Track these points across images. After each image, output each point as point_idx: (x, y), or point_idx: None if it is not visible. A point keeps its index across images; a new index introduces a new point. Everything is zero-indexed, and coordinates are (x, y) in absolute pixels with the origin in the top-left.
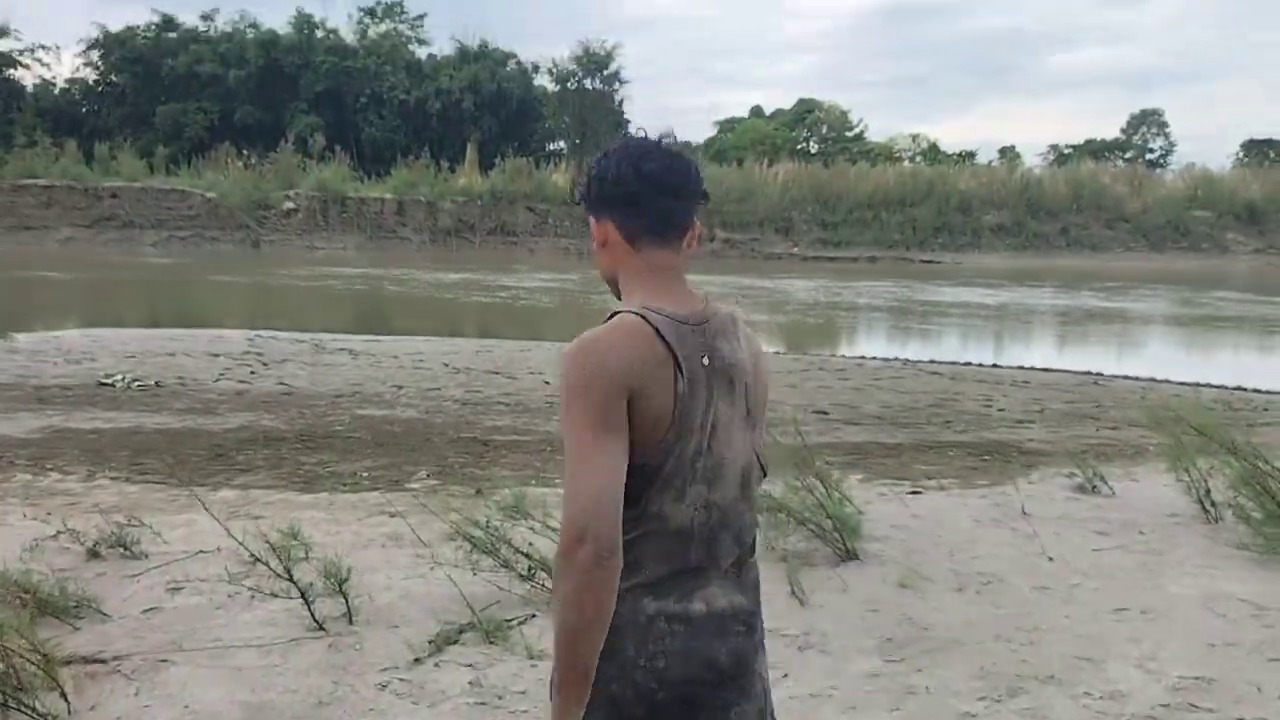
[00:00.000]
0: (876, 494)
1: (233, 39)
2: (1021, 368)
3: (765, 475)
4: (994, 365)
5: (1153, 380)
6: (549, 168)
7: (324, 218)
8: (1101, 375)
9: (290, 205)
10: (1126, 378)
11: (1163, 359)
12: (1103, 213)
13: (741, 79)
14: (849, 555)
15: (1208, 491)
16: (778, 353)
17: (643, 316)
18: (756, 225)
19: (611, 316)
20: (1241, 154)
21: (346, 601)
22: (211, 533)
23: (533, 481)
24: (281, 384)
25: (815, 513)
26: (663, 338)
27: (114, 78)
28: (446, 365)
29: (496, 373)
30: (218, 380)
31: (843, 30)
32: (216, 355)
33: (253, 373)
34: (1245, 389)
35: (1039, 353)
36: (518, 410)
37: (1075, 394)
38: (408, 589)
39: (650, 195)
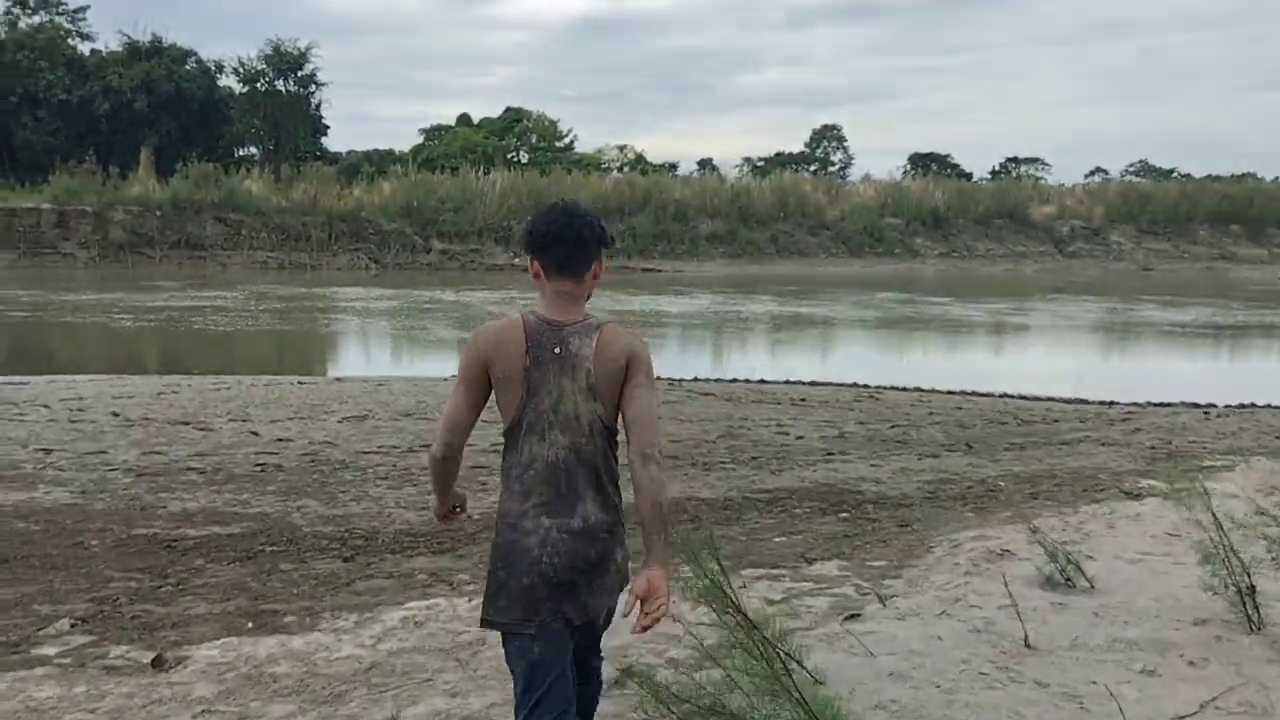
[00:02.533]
0: (779, 609)
1: None
2: (789, 382)
3: (637, 447)
4: (761, 381)
5: (921, 390)
6: (240, 175)
7: None
8: (870, 387)
9: None
10: (899, 388)
11: (921, 368)
12: (806, 220)
13: (445, 89)
14: None
15: (1251, 587)
16: None
17: (523, 317)
18: (475, 235)
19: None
20: (909, 166)
21: None
22: None
23: (250, 626)
24: None
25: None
26: (525, 331)
27: None
28: (116, 415)
29: (185, 422)
30: None
31: (540, 44)
32: None
33: None
34: (1044, 398)
35: (789, 363)
36: (217, 482)
37: (861, 411)
38: None
39: (554, 245)
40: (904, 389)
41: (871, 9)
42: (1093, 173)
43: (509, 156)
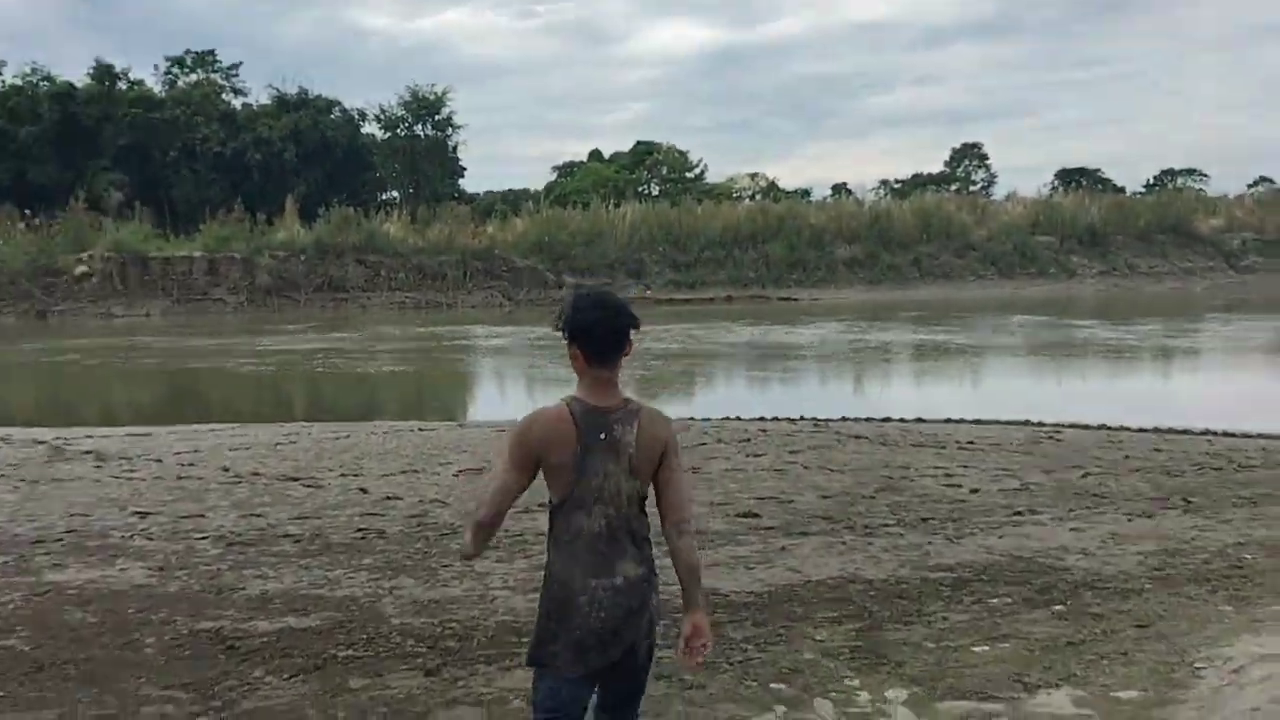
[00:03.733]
0: None
1: (23, 92)
2: (950, 420)
3: (673, 525)
4: (918, 420)
5: (1109, 428)
6: (380, 217)
7: (123, 281)
8: (1046, 425)
9: (83, 269)
10: (1081, 426)
11: (1099, 400)
12: (951, 241)
13: (576, 128)
14: None
15: None
16: None
17: (568, 407)
18: (606, 269)
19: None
20: (1056, 183)
21: None
22: None
23: None
24: None
25: None
26: (575, 422)
27: None
28: (226, 470)
29: (295, 478)
30: None
31: (671, 78)
32: None
33: None
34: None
35: (945, 397)
36: (310, 553)
37: (1042, 456)
38: None
39: (596, 337)
40: (1087, 427)
41: (1010, 25)
42: (1256, 182)
43: (640, 189)
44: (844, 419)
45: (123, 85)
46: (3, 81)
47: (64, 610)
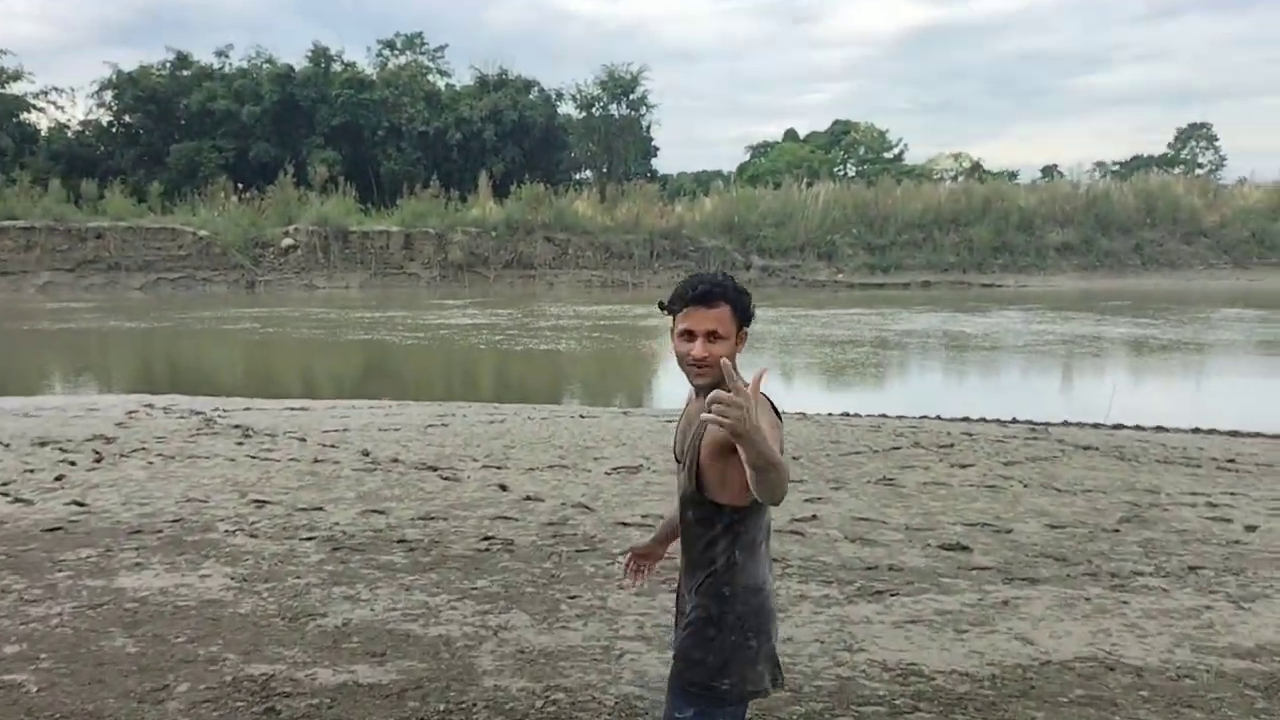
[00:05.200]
0: None
1: (247, 75)
2: (1199, 430)
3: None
4: (1158, 428)
5: None
6: (570, 194)
7: (324, 254)
8: None
9: (289, 242)
10: None
11: None
12: (1178, 227)
13: (771, 109)
14: None
15: None
16: (845, 414)
17: (769, 404)
18: (797, 251)
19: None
20: None
21: None
22: None
23: None
24: (76, 503)
25: None
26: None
27: (128, 118)
28: (366, 454)
29: (433, 467)
30: None
31: (870, 58)
32: (44, 444)
33: (59, 478)
34: None
35: (1183, 402)
36: (421, 567)
37: None
38: None
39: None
40: None
41: None
42: None
43: (835, 170)
44: (1066, 424)
45: (337, 67)
46: (230, 64)
47: (107, 633)
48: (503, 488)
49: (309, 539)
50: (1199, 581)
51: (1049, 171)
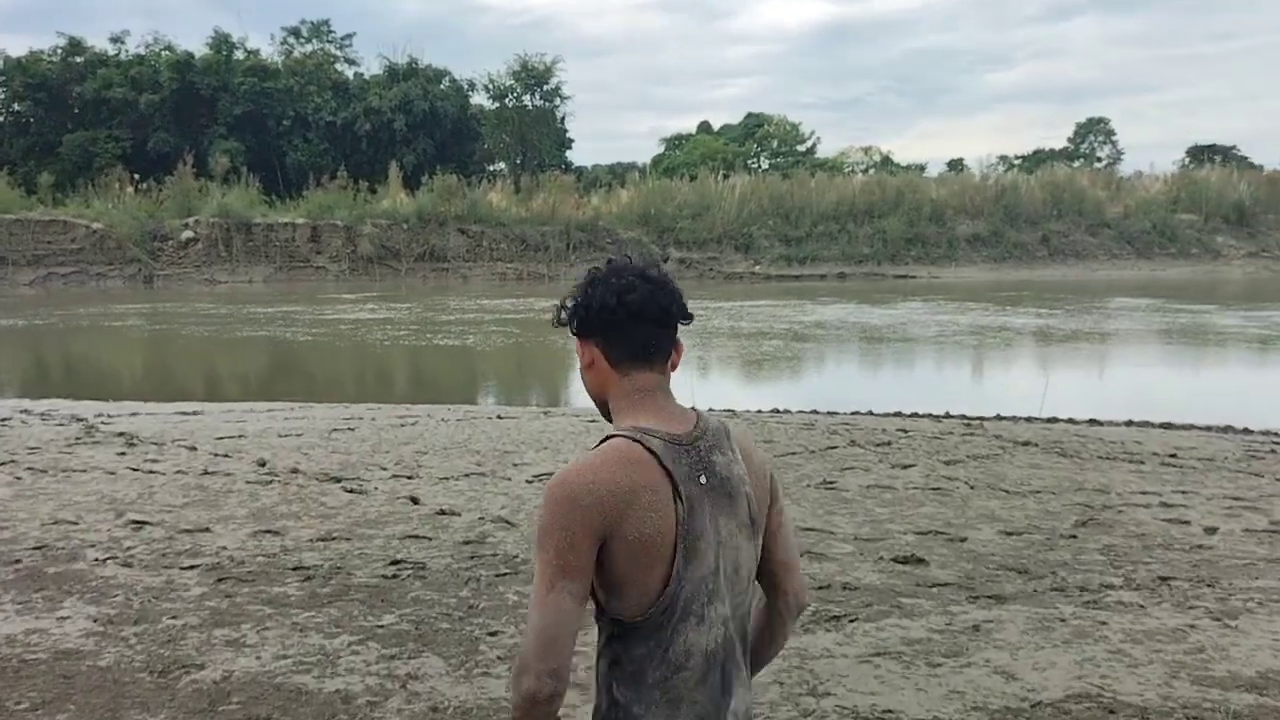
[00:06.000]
0: None
1: (145, 62)
2: (1133, 424)
3: (794, 599)
4: (1091, 421)
5: None
6: (484, 186)
7: (227, 248)
8: (1257, 433)
9: (189, 235)
10: None
11: None
12: (1083, 219)
13: (684, 103)
14: None
15: None
16: (775, 410)
17: (638, 440)
18: (714, 242)
19: (603, 441)
20: (1188, 160)
21: None
22: None
23: None
24: None
25: None
26: (660, 461)
27: (17, 106)
28: (262, 464)
29: (337, 479)
30: None
31: (780, 54)
32: None
33: None
34: None
35: (1108, 394)
36: (318, 602)
37: (1274, 476)
38: None
39: (633, 324)
40: None
41: None
42: None
43: (749, 163)
44: (999, 417)
45: (240, 55)
46: (126, 51)
47: None
48: (414, 500)
49: (190, 567)
50: (1174, 595)
51: (955, 165)
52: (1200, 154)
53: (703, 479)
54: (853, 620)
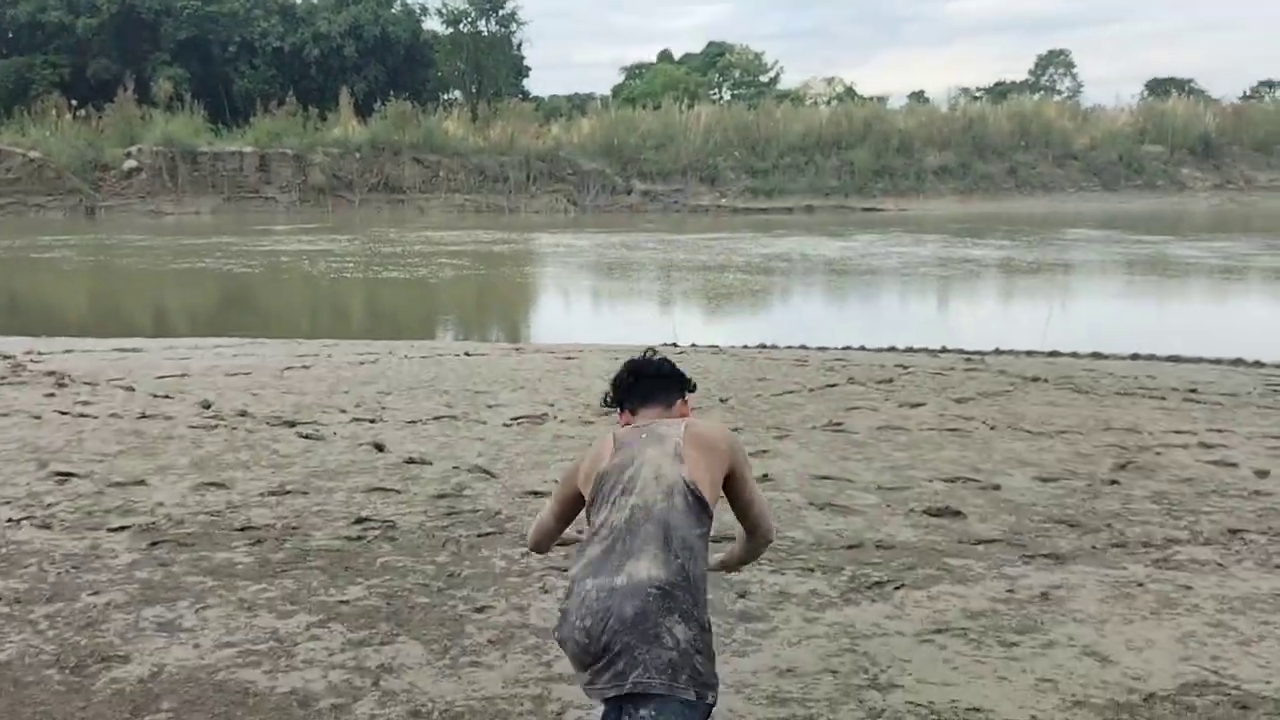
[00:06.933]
0: None
1: None
2: (1136, 357)
3: (762, 538)
4: (1094, 354)
5: None
6: (440, 114)
7: (172, 178)
8: (1263, 365)
9: (132, 164)
10: None
11: None
12: (1050, 150)
13: (644, 32)
14: None
15: None
16: (763, 346)
17: (612, 434)
18: (679, 174)
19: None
20: (1147, 93)
21: None
22: None
23: None
24: None
25: None
26: (614, 436)
27: None
28: (208, 406)
29: (291, 423)
30: None
31: None
32: None
33: None
34: None
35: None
36: (265, 571)
37: None
38: None
39: (633, 379)
40: None
41: None
42: None
43: (711, 93)
44: (998, 351)
45: None
46: None
47: None
48: (378, 448)
49: (120, 528)
50: (1253, 552)
51: (918, 97)
52: (1158, 87)
53: (644, 435)
54: (898, 587)
